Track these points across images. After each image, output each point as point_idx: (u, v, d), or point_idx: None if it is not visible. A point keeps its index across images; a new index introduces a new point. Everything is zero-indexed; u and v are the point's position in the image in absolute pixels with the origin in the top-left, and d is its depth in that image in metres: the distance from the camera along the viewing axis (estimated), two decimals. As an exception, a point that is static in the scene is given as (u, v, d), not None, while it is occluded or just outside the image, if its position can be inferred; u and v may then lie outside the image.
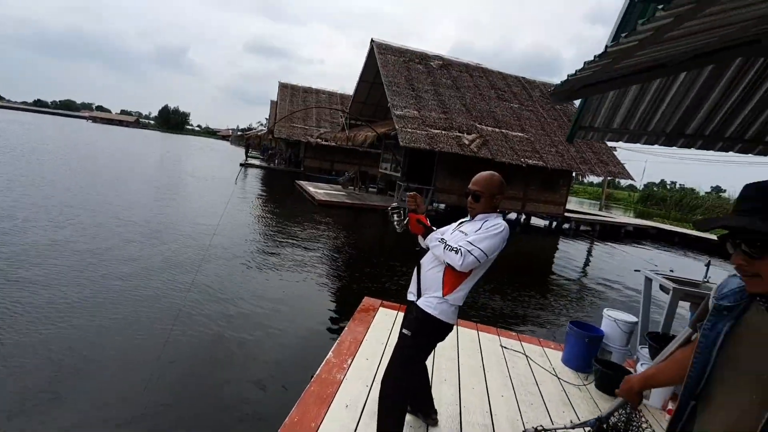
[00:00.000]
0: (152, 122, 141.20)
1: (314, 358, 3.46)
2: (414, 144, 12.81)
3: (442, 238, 1.97)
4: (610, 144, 17.30)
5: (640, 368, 3.21)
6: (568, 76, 3.31)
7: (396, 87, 14.64)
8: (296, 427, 2.25)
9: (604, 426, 1.47)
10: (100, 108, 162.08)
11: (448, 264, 1.93)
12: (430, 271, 2.05)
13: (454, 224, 2.19)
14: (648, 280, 3.98)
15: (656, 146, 4.75)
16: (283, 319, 4.69)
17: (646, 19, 2.02)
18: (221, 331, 4.10)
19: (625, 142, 4.79)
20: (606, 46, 2.68)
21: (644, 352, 3.38)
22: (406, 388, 2.15)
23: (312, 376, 2.80)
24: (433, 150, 13.16)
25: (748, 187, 0.84)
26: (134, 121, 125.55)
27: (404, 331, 2.08)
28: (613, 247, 14.30)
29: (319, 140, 24.51)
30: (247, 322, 4.42)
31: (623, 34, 2.32)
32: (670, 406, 3.00)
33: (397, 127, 13.15)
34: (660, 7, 1.88)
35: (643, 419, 1.44)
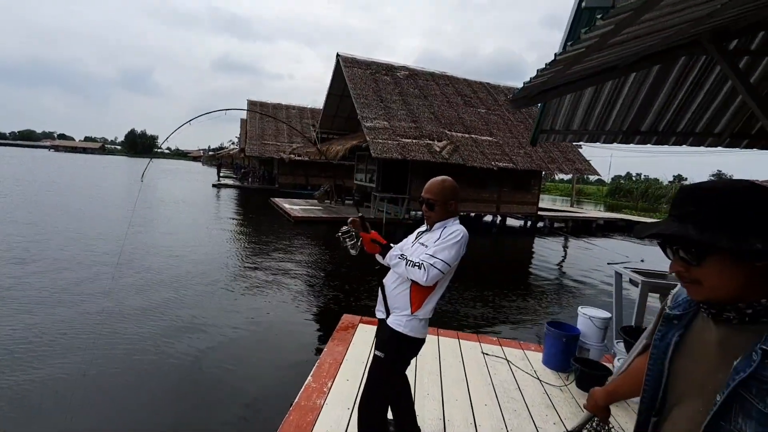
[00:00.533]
0: (119, 147, 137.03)
1: (295, 382, 3.37)
2: (386, 154, 12.88)
3: (401, 254, 1.94)
4: (575, 143, 17.89)
5: (617, 363, 3.26)
6: (524, 83, 3.40)
7: (364, 99, 14.73)
8: (275, 461, 2.16)
9: None
10: (62, 136, 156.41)
11: (413, 280, 1.91)
12: (396, 289, 2.02)
13: (413, 236, 2.17)
14: (618, 275, 4.09)
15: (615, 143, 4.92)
16: (261, 342, 4.57)
17: (588, 28, 2.10)
18: (195, 360, 3.94)
19: (586, 142, 4.96)
20: (555, 54, 2.77)
21: (620, 346, 3.45)
22: (384, 410, 2.11)
23: (291, 404, 2.72)
24: (405, 159, 13.25)
25: (682, 191, 0.82)
26: (99, 147, 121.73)
27: (377, 353, 2.05)
28: (587, 242, 14.70)
29: (291, 156, 24.31)
30: (223, 348, 4.27)
31: (569, 43, 2.40)
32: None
33: (368, 138, 13.20)
34: (599, 16, 1.96)
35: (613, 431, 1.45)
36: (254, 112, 27.58)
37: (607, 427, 1.34)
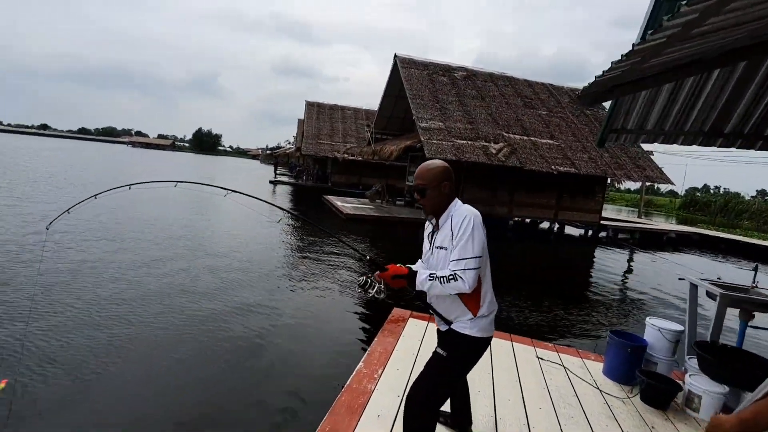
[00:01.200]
0: (187, 145, 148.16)
1: (343, 369, 3.47)
2: (440, 155, 12.78)
3: (430, 275, 1.78)
4: (646, 147, 16.64)
5: (689, 380, 3.01)
6: (595, 77, 3.25)
7: (420, 100, 14.74)
8: (329, 436, 2.24)
9: None
10: (138, 133, 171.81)
11: (461, 293, 1.79)
12: (445, 302, 1.91)
13: (426, 240, 2.03)
14: (693, 287, 3.77)
15: (696, 148, 4.54)
16: (312, 331, 4.73)
17: (671, 15, 1.97)
18: (250, 344, 4.17)
19: (661, 143, 4.61)
20: (633, 45, 2.63)
21: (693, 362, 3.18)
22: (436, 412, 1.95)
23: (342, 387, 2.80)
24: (459, 160, 13.08)
25: None
26: (170, 144, 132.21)
27: (439, 350, 1.93)
28: (655, 255, 13.62)
29: (345, 156, 24.90)
30: (275, 334, 4.48)
31: (648, 32, 2.27)
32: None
33: (422, 139, 13.20)
34: (684, 2, 1.84)
35: None
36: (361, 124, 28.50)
37: None
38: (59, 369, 3.32)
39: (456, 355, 1.89)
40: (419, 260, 2.12)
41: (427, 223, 2.05)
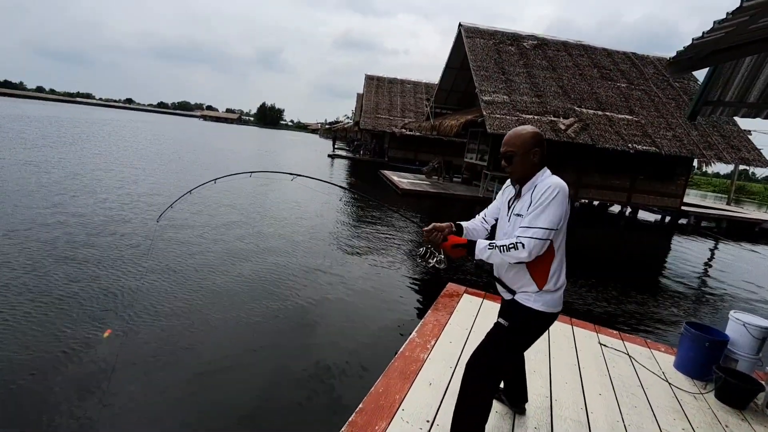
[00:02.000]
0: (252, 118, 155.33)
1: (397, 340, 3.56)
2: (502, 130, 12.21)
3: (490, 244, 1.74)
4: (744, 125, 14.65)
5: (778, 382, 2.72)
6: (693, 39, 2.90)
7: (484, 71, 14.07)
8: (381, 397, 2.34)
9: None
10: (209, 107, 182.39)
11: (522, 262, 1.74)
12: (510, 271, 1.86)
13: (504, 205, 1.95)
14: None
15: (811, 121, 3.93)
16: (368, 301, 4.88)
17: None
18: (303, 311, 4.39)
19: (765, 118, 4.03)
20: (741, 1, 2.30)
21: (782, 364, 2.86)
22: (493, 381, 1.93)
23: (395, 353, 2.88)
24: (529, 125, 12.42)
25: None
26: (237, 118, 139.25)
27: (500, 320, 1.90)
28: (744, 248, 12.19)
29: (403, 130, 24.68)
30: (334, 302, 4.68)
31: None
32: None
33: (484, 113, 12.67)
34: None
35: None
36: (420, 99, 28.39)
37: None
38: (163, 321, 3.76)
39: (517, 327, 1.85)
40: (474, 219, 2.08)
41: (508, 181, 1.97)
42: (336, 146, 36.14)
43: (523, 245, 1.67)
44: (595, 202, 15.54)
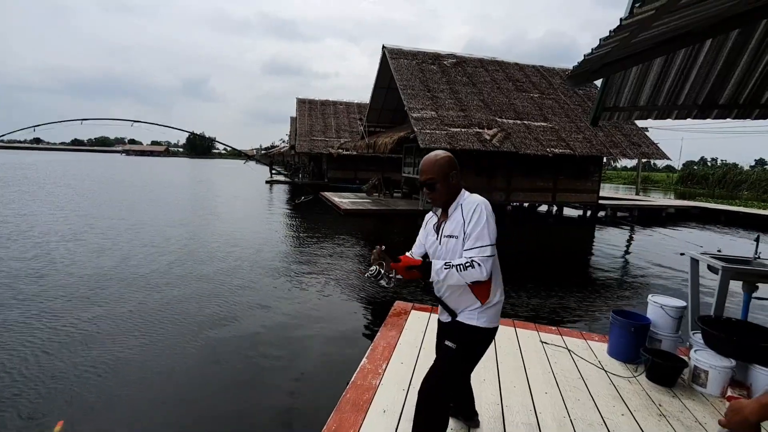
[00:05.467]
0: (181, 149, 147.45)
1: (348, 365, 3.45)
2: (434, 144, 12.70)
3: (446, 263, 1.76)
4: (640, 124, 16.56)
5: (695, 355, 3.00)
6: (584, 56, 3.19)
7: (411, 90, 14.61)
8: (335, 435, 2.23)
9: None
10: (132, 141, 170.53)
11: (477, 282, 1.78)
12: (455, 293, 1.90)
13: (431, 230, 1.98)
14: (694, 261, 3.74)
15: (691, 122, 4.50)
16: (315, 327, 4.72)
17: (660, -16, 1.92)
18: (252, 341, 4.15)
19: (655, 118, 4.56)
20: (620, 20, 2.57)
21: (697, 337, 3.17)
22: (449, 401, 1.98)
23: (347, 383, 2.79)
24: (454, 149, 13.00)
25: None
26: (164, 150, 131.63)
27: (447, 343, 1.90)
28: (655, 232, 13.62)
29: (340, 151, 24.78)
30: (277, 332, 4.46)
31: (636, 5, 2.21)
32: (729, 393, 2.79)
33: (415, 129, 13.10)
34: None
35: None
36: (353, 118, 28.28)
37: None
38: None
39: (466, 346, 1.88)
40: (411, 251, 2.10)
41: (429, 214, 2.04)
42: (273, 171, 35.28)
43: (479, 264, 1.70)
44: (525, 204, 16.59)
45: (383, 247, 1.88)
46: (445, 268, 1.74)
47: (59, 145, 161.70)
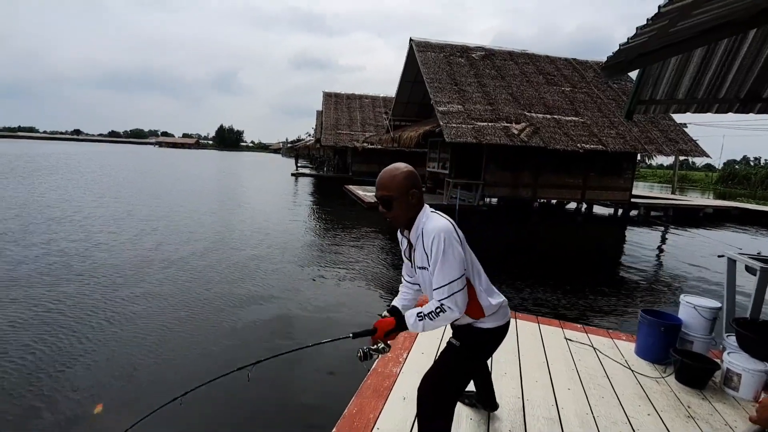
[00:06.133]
0: (210, 142, 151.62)
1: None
2: (460, 138, 12.58)
3: (418, 314, 1.67)
4: (678, 120, 15.83)
5: (728, 358, 2.89)
6: (620, 45, 3.09)
7: (438, 83, 14.47)
8: (355, 418, 2.28)
9: None
10: (165, 133, 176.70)
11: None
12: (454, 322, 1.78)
13: (406, 259, 1.88)
14: (732, 262, 3.58)
15: (734, 118, 4.30)
16: (336, 317, 4.80)
17: (703, -32, 1.85)
18: (274, 331, 4.27)
19: (694, 112, 4.37)
20: (659, 7, 2.48)
21: (731, 340, 3.04)
22: (453, 403, 1.86)
23: (368, 370, 2.84)
24: (480, 143, 12.83)
25: None
26: (195, 142, 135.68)
27: (453, 340, 1.85)
28: (690, 233, 13.05)
29: (365, 144, 24.84)
30: (299, 321, 4.57)
31: (677, -10, 2.13)
32: (763, 397, 2.67)
33: (441, 123, 13.00)
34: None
35: None
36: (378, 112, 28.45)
37: None
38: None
39: (471, 344, 1.82)
40: (401, 286, 2.01)
41: (400, 236, 1.88)
42: (299, 164, 35.80)
43: (449, 308, 1.60)
44: (553, 201, 16.20)
45: (351, 334, 1.81)
46: (419, 320, 1.66)
47: (97, 136, 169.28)
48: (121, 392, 3.12)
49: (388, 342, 1.75)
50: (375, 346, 1.74)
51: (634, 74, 4.36)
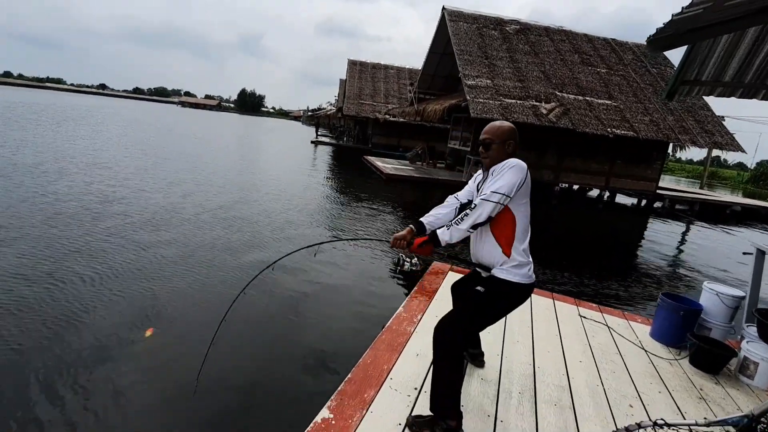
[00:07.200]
0: (232, 105, 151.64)
1: (384, 317, 3.58)
2: (486, 115, 12.27)
3: (447, 224, 1.88)
4: (717, 112, 15.08)
5: (746, 346, 2.86)
6: (672, 15, 2.93)
7: (468, 55, 14.02)
8: (369, 367, 2.36)
9: (757, 427, 1.17)
10: (187, 93, 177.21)
11: (479, 225, 1.82)
12: (479, 245, 1.98)
13: (475, 191, 2.07)
14: (760, 253, 3.48)
15: (780, 102, 4.07)
16: (354, 282, 4.88)
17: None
18: (296, 293, 4.37)
19: (739, 97, 4.14)
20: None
21: (751, 330, 3.00)
22: (467, 338, 2.09)
23: (383, 327, 2.90)
24: (506, 120, 12.49)
25: None
26: (216, 104, 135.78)
27: (479, 288, 1.96)
28: (717, 229, 12.67)
29: (387, 116, 24.49)
30: (317, 284, 4.66)
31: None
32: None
33: (468, 97, 12.67)
34: None
35: None
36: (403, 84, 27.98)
37: None
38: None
39: (494, 292, 1.93)
40: (444, 203, 2.19)
41: (479, 174, 2.11)
42: (319, 133, 35.68)
43: (478, 205, 1.81)
44: (575, 186, 15.85)
45: (393, 237, 2.00)
46: (447, 230, 1.86)
47: (122, 92, 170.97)
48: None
49: (420, 257, 1.95)
50: (409, 259, 1.95)
51: (677, 54, 4.14)
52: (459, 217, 1.85)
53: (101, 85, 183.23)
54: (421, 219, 2.09)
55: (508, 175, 1.82)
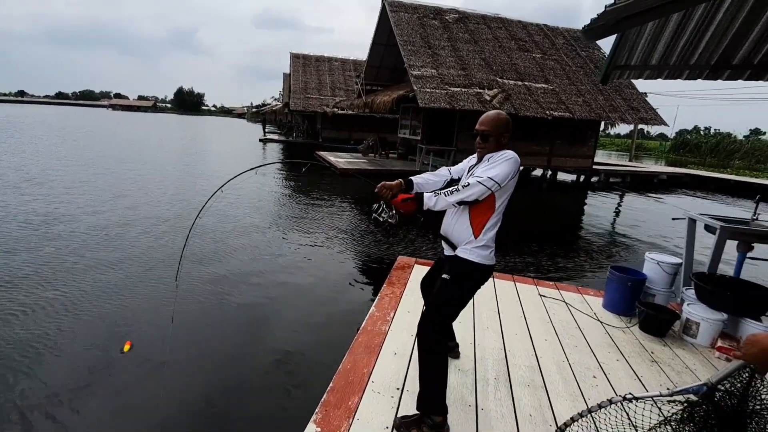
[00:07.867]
0: (169, 105, 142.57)
1: (355, 316, 3.58)
2: (433, 104, 12.48)
3: (434, 192, 1.92)
4: (640, 89, 16.36)
5: (687, 308, 3.16)
6: (606, 6, 3.09)
7: (411, 46, 14.12)
8: (350, 373, 2.35)
9: (715, 394, 1.20)
10: (118, 95, 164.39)
11: (464, 203, 1.90)
12: (452, 220, 2.07)
13: (466, 169, 2.18)
14: (692, 221, 3.85)
15: (687, 88, 4.47)
16: (320, 283, 4.82)
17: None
18: (255, 299, 4.24)
19: (665, 78, 4.51)
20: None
21: (689, 293, 3.32)
22: (446, 331, 2.15)
23: (357, 329, 2.90)
24: (453, 109, 12.79)
25: None
26: (152, 105, 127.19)
27: (444, 276, 2.05)
28: (647, 197, 13.83)
29: (335, 110, 24.18)
30: (282, 288, 4.56)
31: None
32: (719, 344, 2.96)
33: (415, 88, 12.79)
34: None
35: (765, 387, 1.14)
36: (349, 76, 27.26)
37: (763, 381, 1.10)
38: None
39: (459, 276, 2.02)
40: (435, 171, 2.29)
41: (469, 160, 2.22)
42: (267, 130, 34.52)
43: (467, 185, 1.86)
44: (520, 168, 16.59)
45: (382, 183, 2.03)
46: (434, 196, 1.90)
47: (43, 98, 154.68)
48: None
49: (399, 212, 1.98)
50: (388, 210, 2.01)
51: (605, 43, 4.41)
52: (449, 189, 1.89)
53: (20, 92, 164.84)
54: (411, 177, 2.15)
55: (505, 165, 1.90)
